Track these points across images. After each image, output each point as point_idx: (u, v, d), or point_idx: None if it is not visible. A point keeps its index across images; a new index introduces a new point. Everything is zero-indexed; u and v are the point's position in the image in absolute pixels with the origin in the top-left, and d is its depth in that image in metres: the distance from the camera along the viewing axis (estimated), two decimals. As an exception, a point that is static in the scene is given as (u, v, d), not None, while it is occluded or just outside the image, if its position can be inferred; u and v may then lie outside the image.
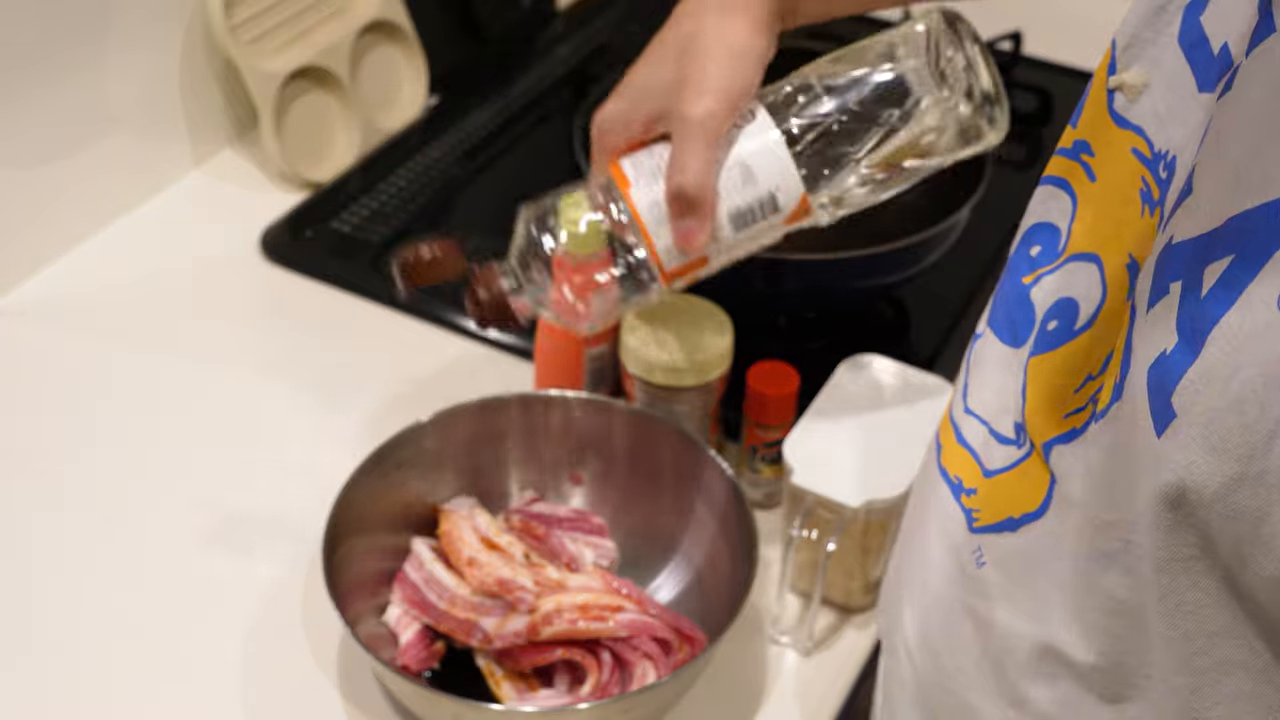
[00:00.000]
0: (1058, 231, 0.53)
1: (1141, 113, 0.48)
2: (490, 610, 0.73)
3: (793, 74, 0.68)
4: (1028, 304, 0.54)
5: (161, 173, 1.13)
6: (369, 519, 0.77)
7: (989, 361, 0.55)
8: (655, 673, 0.72)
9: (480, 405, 0.81)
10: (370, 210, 1.11)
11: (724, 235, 0.66)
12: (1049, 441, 0.49)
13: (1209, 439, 0.37)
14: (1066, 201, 0.53)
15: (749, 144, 0.65)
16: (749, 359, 0.83)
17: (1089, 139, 0.52)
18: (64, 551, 0.83)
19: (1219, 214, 0.38)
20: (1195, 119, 0.45)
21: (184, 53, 1.11)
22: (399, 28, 1.20)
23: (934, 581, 0.57)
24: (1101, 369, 0.47)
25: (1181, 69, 0.46)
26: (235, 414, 0.94)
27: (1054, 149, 0.54)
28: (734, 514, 0.76)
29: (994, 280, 1.01)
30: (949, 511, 0.55)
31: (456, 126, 1.22)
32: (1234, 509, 0.37)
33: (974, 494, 0.54)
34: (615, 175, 0.67)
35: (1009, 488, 0.52)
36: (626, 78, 0.68)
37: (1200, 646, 0.41)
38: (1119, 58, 0.50)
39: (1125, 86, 0.49)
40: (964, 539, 0.54)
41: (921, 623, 0.58)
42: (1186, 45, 0.46)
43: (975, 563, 0.53)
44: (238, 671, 0.77)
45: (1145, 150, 0.48)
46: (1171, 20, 0.47)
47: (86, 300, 1.02)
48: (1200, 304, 0.38)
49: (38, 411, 0.93)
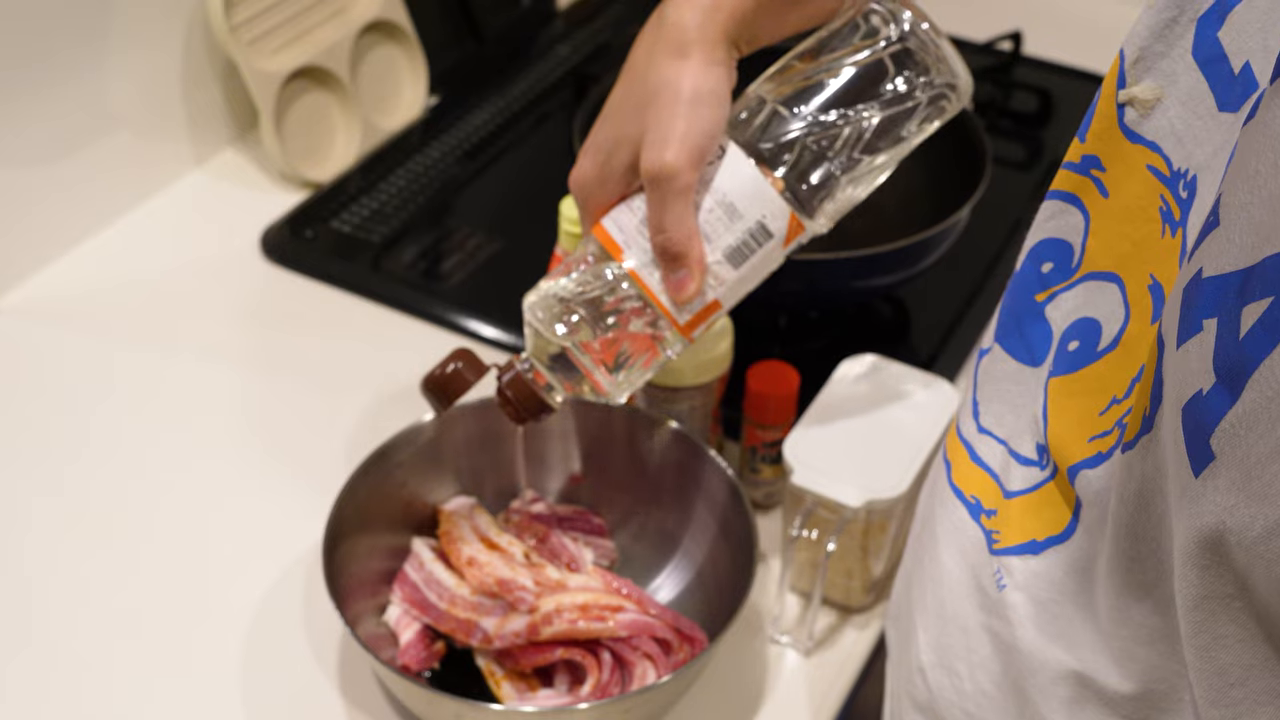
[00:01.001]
0: (1070, 248, 0.52)
1: (1156, 129, 0.47)
2: (490, 610, 0.73)
3: (750, 90, 0.67)
4: (1043, 322, 0.53)
5: (161, 173, 1.13)
6: (369, 519, 0.77)
7: (1001, 379, 0.54)
8: (655, 673, 0.72)
9: (480, 405, 0.81)
10: (370, 210, 1.11)
11: (727, 275, 0.65)
12: (1074, 466, 0.49)
13: (1250, 485, 0.36)
14: (1078, 217, 0.52)
15: (725, 181, 0.65)
16: (749, 359, 0.83)
17: (1099, 154, 0.50)
18: (63, 551, 0.83)
19: (1254, 251, 0.37)
20: (1217, 139, 0.44)
21: (184, 52, 1.11)
22: (399, 28, 1.20)
23: (950, 602, 0.56)
24: (1126, 392, 0.46)
25: (1198, 85, 0.45)
26: (235, 413, 0.94)
27: (1060, 162, 0.53)
28: (734, 514, 0.76)
29: (995, 280, 1.02)
30: (967, 532, 0.55)
31: (456, 126, 1.22)
32: (1276, 553, 0.36)
33: (994, 515, 0.53)
34: (605, 241, 0.66)
35: (1031, 509, 0.51)
36: (592, 135, 0.67)
37: (1236, 678, 0.41)
38: (1128, 71, 0.49)
39: (1136, 101, 0.48)
40: (984, 560, 0.53)
41: (937, 644, 0.57)
42: (1201, 60, 0.45)
43: (996, 585, 0.52)
44: (238, 671, 0.77)
45: (1163, 168, 0.47)
46: (1184, 34, 0.46)
47: (86, 300, 1.02)
48: (1239, 346, 0.37)
49: (38, 411, 0.93)
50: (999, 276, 1.03)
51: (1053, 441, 0.50)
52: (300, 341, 1.00)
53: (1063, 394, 0.51)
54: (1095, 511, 0.47)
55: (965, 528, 0.55)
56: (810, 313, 0.99)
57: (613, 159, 0.65)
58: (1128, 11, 0.57)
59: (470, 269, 1.05)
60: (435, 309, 1.01)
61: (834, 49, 0.65)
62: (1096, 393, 0.49)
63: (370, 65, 1.19)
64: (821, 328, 1.00)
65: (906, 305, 1.03)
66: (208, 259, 1.07)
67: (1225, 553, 0.38)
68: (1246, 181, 0.38)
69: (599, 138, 0.66)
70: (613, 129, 0.65)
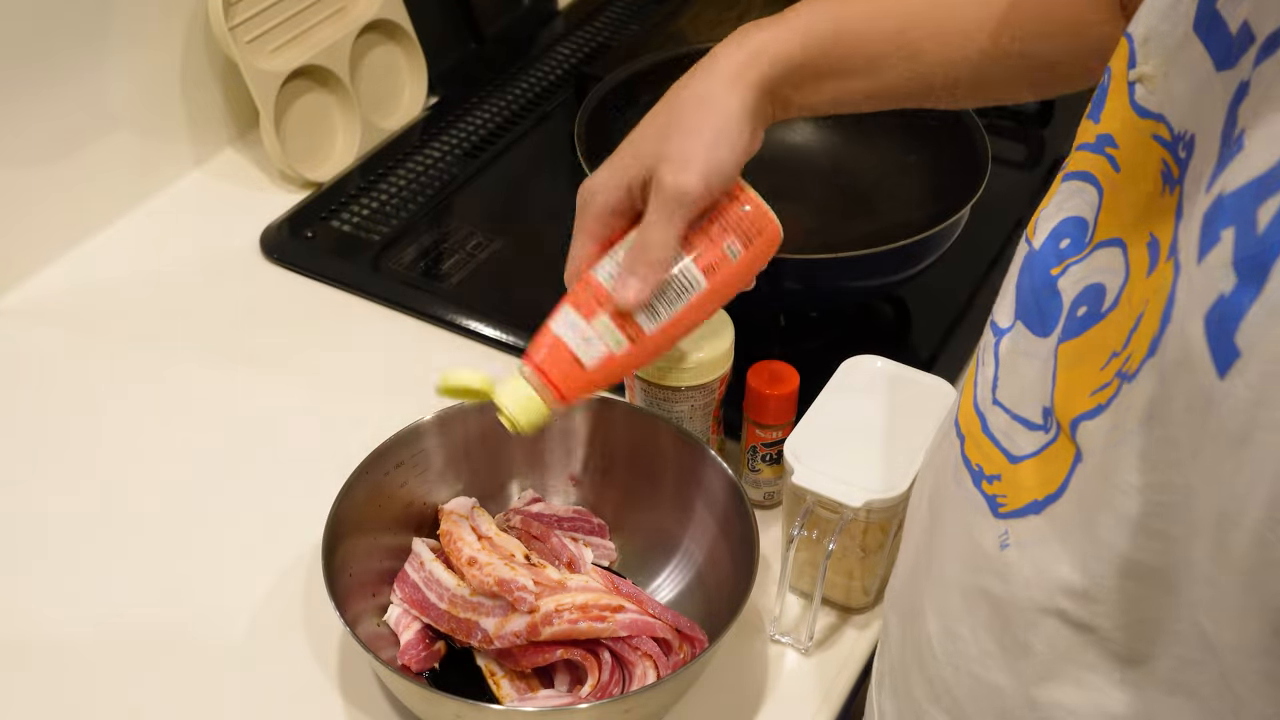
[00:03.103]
0: (1085, 224, 0.54)
1: (1161, 100, 0.49)
2: (490, 610, 0.73)
3: None
4: (1056, 294, 0.54)
5: (161, 173, 1.13)
6: (369, 519, 0.77)
7: (1021, 354, 0.55)
8: (655, 673, 0.72)
9: (480, 405, 0.81)
10: (370, 210, 1.11)
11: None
12: (1076, 419, 0.50)
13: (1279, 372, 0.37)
14: (1093, 194, 0.53)
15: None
16: (749, 359, 0.83)
17: (1113, 132, 0.52)
18: (63, 550, 0.83)
19: (1270, 158, 0.39)
20: (1216, 94, 0.45)
21: (184, 52, 1.11)
22: (399, 28, 1.20)
23: (951, 567, 0.57)
24: (1124, 344, 0.47)
25: (1198, 53, 0.47)
26: (235, 414, 0.94)
27: (1074, 145, 0.55)
28: (734, 514, 0.76)
29: (995, 280, 1.02)
30: (971, 500, 0.56)
31: (456, 126, 1.22)
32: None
33: (998, 480, 0.54)
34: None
35: (1035, 472, 0.53)
36: (618, 149, 0.70)
37: None
38: (1138, 51, 0.51)
39: (1145, 78, 0.50)
40: (988, 524, 0.54)
41: (941, 609, 0.58)
42: (1202, 31, 0.47)
43: (1000, 546, 0.53)
44: (238, 671, 0.77)
45: (1166, 135, 0.49)
46: (1188, 11, 0.48)
47: (86, 300, 1.02)
48: (1259, 240, 0.38)
49: (37, 411, 0.93)
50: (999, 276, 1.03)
51: (1058, 403, 0.52)
52: (300, 341, 1.00)
53: (1070, 357, 0.52)
54: (1092, 459, 0.48)
55: (970, 497, 0.56)
56: (810, 313, 0.99)
57: (627, 172, 0.69)
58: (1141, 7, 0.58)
59: (470, 269, 1.05)
60: (435, 309, 1.01)
61: None
62: (1098, 349, 0.50)
63: (370, 65, 1.19)
64: (821, 328, 1.00)
65: (907, 305, 1.03)
66: (207, 259, 1.07)
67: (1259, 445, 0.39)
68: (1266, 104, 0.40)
69: (623, 153, 0.70)
70: (635, 147, 0.69)
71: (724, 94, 0.68)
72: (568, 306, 0.69)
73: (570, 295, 0.69)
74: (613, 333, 0.68)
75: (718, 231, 0.69)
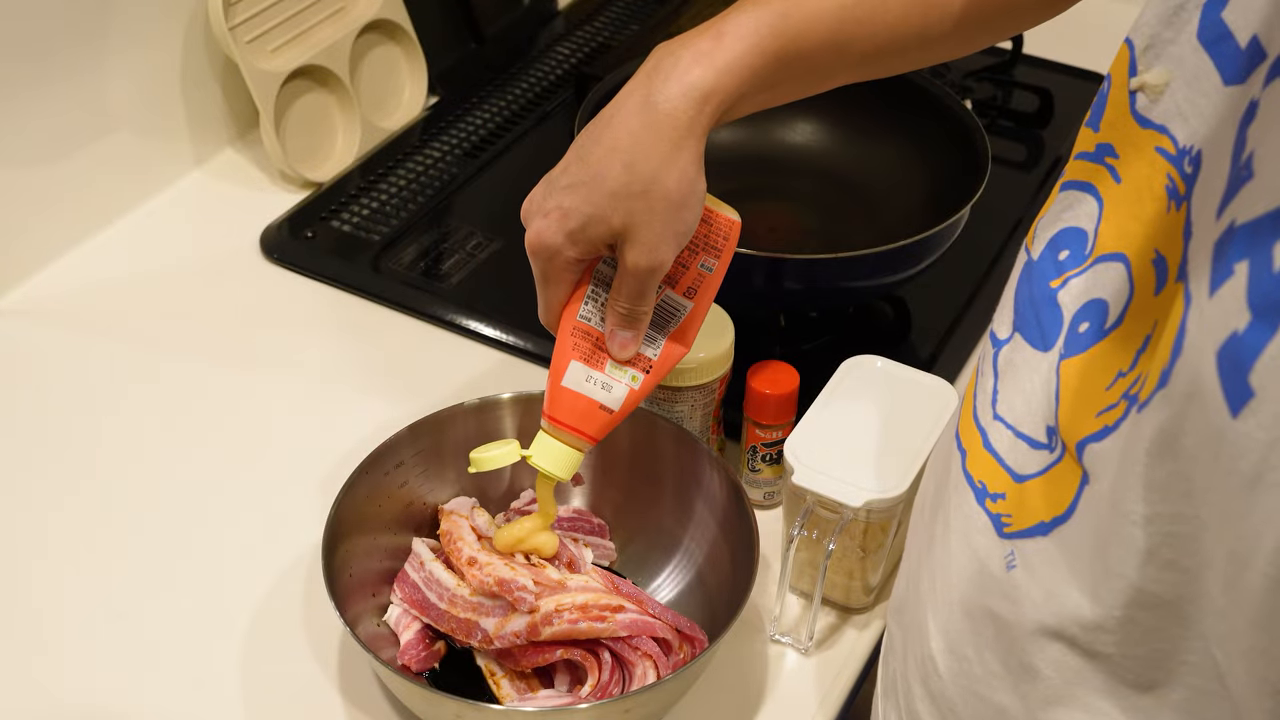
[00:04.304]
0: (1085, 235, 0.53)
1: (1165, 112, 0.49)
2: (490, 610, 0.73)
3: None
4: (1055, 307, 0.54)
5: (161, 173, 1.13)
6: (369, 519, 0.77)
7: (1020, 366, 0.55)
8: (655, 673, 0.72)
9: (480, 405, 0.81)
10: (370, 210, 1.11)
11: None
12: (1082, 440, 0.49)
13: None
14: (1093, 205, 0.53)
15: None
16: (749, 359, 0.83)
17: (1112, 141, 0.52)
18: (63, 550, 0.83)
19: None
20: (1222, 111, 0.45)
21: (184, 52, 1.11)
22: (399, 28, 1.20)
23: (958, 587, 0.56)
24: (1132, 364, 0.47)
25: (1204, 65, 0.46)
26: (235, 413, 0.94)
27: (1072, 153, 0.54)
28: (734, 514, 0.76)
29: (995, 280, 1.02)
30: (974, 518, 0.55)
31: (456, 126, 1.22)
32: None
33: (1002, 499, 0.54)
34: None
35: (1041, 493, 0.52)
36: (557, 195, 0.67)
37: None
38: (1139, 59, 0.50)
39: (1147, 87, 0.50)
40: (993, 544, 0.54)
41: (946, 629, 0.57)
42: (1207, 42, 0.46)
43: (1006, 567, 0.53)
44: (238, 671, 0.77)
45: (1170, 148, 0.48)
46: (1190, 19, 0.47)
47: (87, 300, 1.02)
48: (1275, 278, 0.37)
49: (37, 411, 0.93)
50: (999, 276, 1.03)
51: (1062, 422, 0.51)
52: (300, 341, 1.00)
53: (1074, 374, 0.51)
54: (1100, 485, 0.48)
55: (973, 514, 0.55)
56: (810, 313, 0.99)
57: (586, 232, 0.66)
58: (1128, 11, 0.58)
59: (470, 269, 1.05)
60: (435, 309, 1.01)
61: None
62: (1103, 369, 0.49)
63: (370, 65, 1.19)
64: (821, 328, 1.00)
65: (907, 305, 1.03)
66: (207, 259, 1.07)
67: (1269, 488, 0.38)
68: (1277, 130, 0.39)
69: (569, 204, 0.66)
70: (588, 205, 0.65)
71: (673, 154, 0.64)
72: (576, 363, 0.70)
73: (572, 349, 0.70)
74: (625, 371, 0.71)
75: (689, 256, 0.70)
